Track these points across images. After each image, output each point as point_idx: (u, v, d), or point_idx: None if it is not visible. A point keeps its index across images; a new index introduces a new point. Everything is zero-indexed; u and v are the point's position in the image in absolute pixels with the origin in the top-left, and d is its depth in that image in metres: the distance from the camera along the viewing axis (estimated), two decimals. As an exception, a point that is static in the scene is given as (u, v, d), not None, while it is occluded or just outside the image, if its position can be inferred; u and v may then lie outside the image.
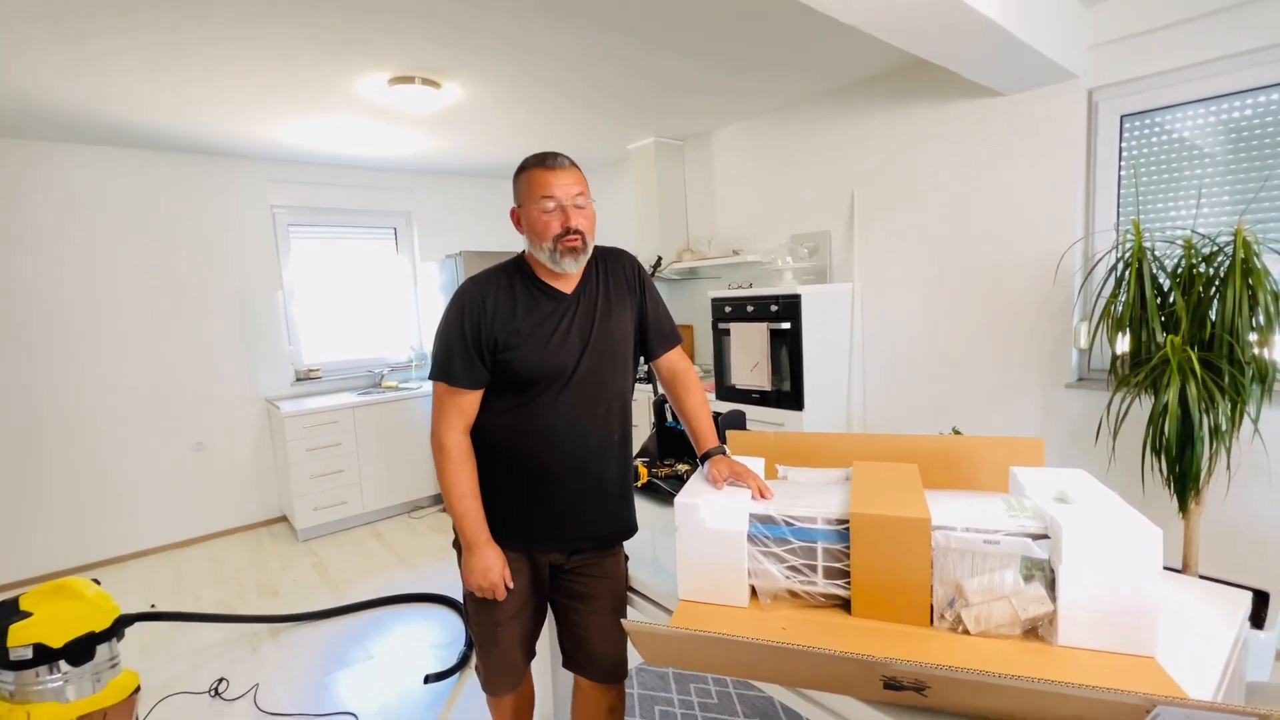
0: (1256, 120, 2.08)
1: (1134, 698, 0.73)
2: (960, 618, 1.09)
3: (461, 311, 1.29)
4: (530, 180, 1.28)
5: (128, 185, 3.46)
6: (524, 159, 1.33)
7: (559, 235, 1.26)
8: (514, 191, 1.34)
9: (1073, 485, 1.19)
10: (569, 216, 1.27)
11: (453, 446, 1.30)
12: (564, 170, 1.29)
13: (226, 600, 2.97)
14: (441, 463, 1.31)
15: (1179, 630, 1.12)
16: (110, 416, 3.47)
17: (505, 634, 1.39)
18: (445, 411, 1.31)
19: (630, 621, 0.95)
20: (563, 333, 1.32)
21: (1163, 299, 1.89)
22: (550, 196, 1.26)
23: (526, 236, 1.32)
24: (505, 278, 1.34)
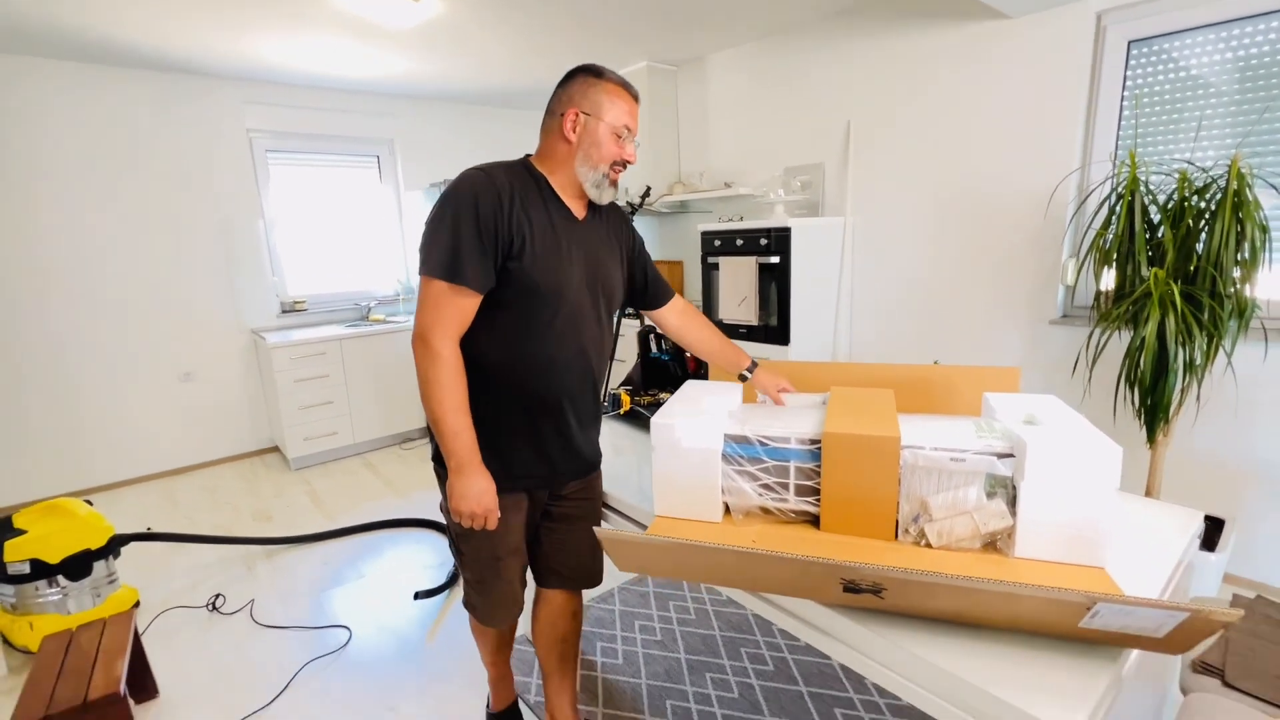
0: (1268, 48, 2.00)
1: (1076, 595, 0.77)
2: (924, 532, 1.13)
3: (475, 200, 1.12)
4: (614, 99, 1.20)
5: (97, 104, 3.30)
6: (594, 66, 1.23)
7: (615, 163, 1.22)
8: (578, 95, 1.20)
9: (1042, 409, 1.21)
10: (632, 151, 1.24)
11: (448, 353, 1.14)
12: (638, 106, 1.26)
13: (222, 524, 3.04)
14: (432, 371, 1.14)
15: (1131, 546, 1.17)
16: (94, 344, 3.44)
17: (507, 568, 1.35)
18: (443, 314, 1.14)
19: (603, 529, 0.98)
20: (568, 253, 1.24)
21: (1152, 233, 1.87)
22: (629, 128, 1.22)
23: (576, 148, 1.21)
24: (518, 176, 1.20)
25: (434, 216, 1.15)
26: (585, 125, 1.19)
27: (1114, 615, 0.79)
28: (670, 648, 1.99)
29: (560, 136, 1.22)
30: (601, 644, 2.02)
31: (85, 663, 1.62)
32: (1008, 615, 0.88)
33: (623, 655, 1.96)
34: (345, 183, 4.28)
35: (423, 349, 1.15)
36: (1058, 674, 0.84)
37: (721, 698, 1.77)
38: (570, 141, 1.21)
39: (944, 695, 0.87)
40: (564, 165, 1.23)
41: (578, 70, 1.22)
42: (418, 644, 2.08)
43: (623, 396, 2.00)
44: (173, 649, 2.10)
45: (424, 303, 1.15)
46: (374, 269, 4.44)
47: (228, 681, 1.94)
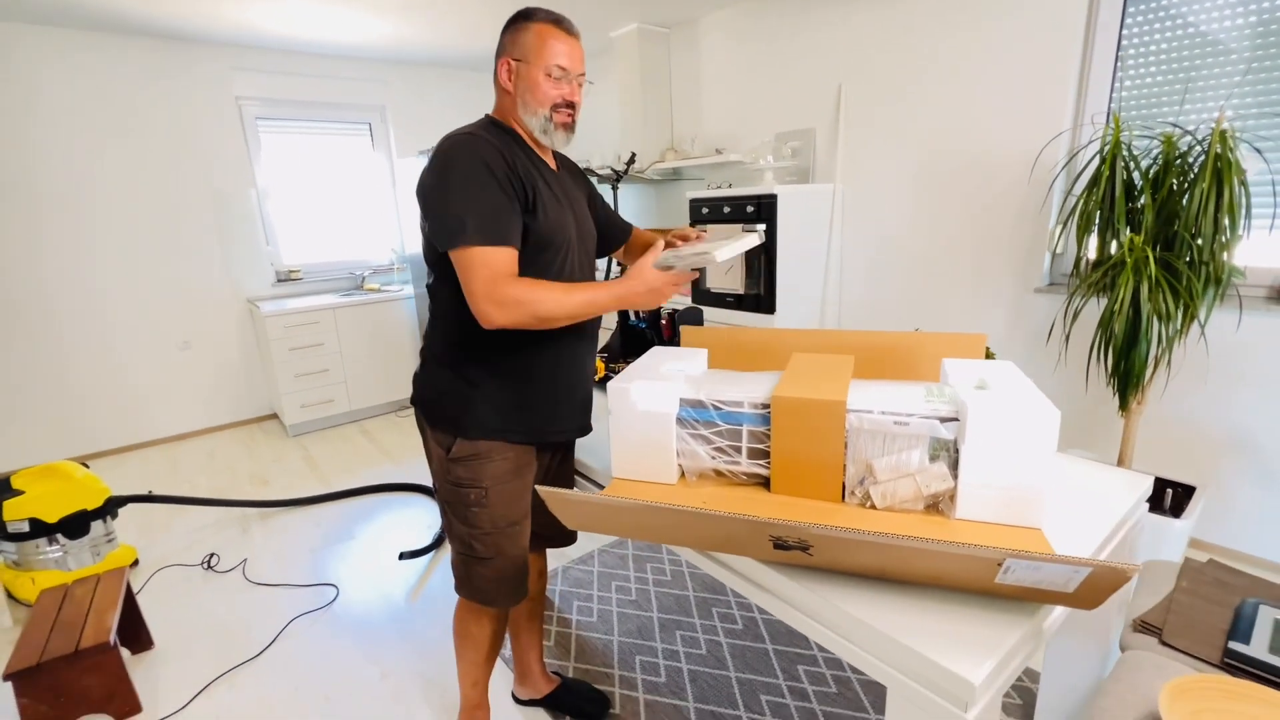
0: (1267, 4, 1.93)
1: (986, 551, 0.79)
2: (869, 494, 1.15)
3: (484, 159, 1.09)
4: (543, 38, 1.15)
5: (86, 71, 3.28)
6: (526, 9, 1.19)
7: (558, 105, 1.18)
8: (509, 43, 1.18)
9: (995, 375, 1.21)
10: (573, 90, 1.19)
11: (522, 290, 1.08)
12: (576, 41, 1.19)
13: (220, 488, 3.13)
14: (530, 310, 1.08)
15: (1075, 508, 1.18)
16: (93, 314, 3.49)
17: (521, 532, 1.31)
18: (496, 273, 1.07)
19: (546, 489, 1.00)
20: (563, 202, 1.24)
21: (1133, 198, 1.84)
22: (563, 66, 1.16)
23: (515, 97, 1.19)
24: (498, 134, 1.18)
25: (444, 185, 1.09)
26: (518, 72, 1.17)
27: (1025, 571, 0.81)
28: (644, 607, 2.04)
29: (501, 89, 1.20)
30: (578, 603, 2.08)
31: (79, 614, 1.70)
32: (929, 571, 0.90)
33: (597, 614, 2.02)
34: (337, 151, 4.26)
35: (502, 309, 1.07)
36: (974, 627, 0.86)
37: (689, 654, 1.83)
38: (510, 92, 1.19)
39: (864, 646, 0.91)
40: (514, 117, 1.21)
41: (510, 18, 1.20)
42: (401, 602, 2.15)
43: (597, 364, 2.02)
44: (168, 604, 2.19)
45: (473, 271, 1.07)
46: (368, 238, 4.45)
47: (219, 634, 2.02)
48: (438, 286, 1.24)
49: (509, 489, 1.28)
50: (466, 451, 1.24)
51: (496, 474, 1.26)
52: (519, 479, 1.30)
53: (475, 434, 1.23)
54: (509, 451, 1.27)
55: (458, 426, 1.24)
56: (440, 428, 1.26)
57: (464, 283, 1.09)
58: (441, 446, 1.26)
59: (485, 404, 1.24)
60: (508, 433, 1.26)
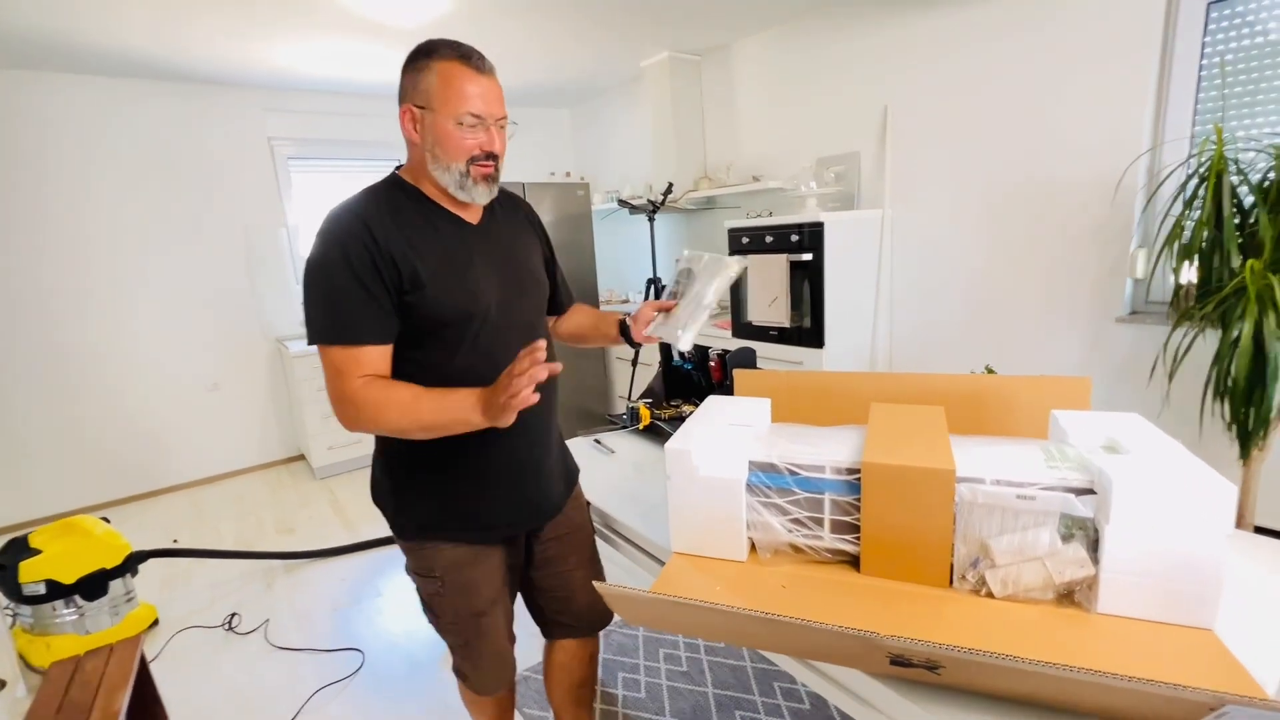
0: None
1: (1199, 695, 0.60)
2: (985, 579, 0.96)
3: (342, 245, 0.96)
4: (449, 80, 0.98)
5: (118, 117, 3.32)
6: (428, 42, 1.01)
7: (475, 158, 1.01)
8: (408, 87, 1.01)
9: (1125, 432, 1.02)
10: (491, 138, 1.02)
11: (360, 388, 0.97)
12: (491, 78, 1.01)
13: (246, 536, 3.03)
14: (368, 414, 0.96)
15: (1239, 595, 0.97)
16: (124, 358, 3.47)
17: (490, 623, 1.19)
18: (350, 377, 0.97)
19: (604, 585, 0.84)
20: (475, 265, 1.06)
21: (1242, 219, 1.64)
22: (476, 113, 0.99)
23: (425, 150, 1.02)
24: (384, 202, 1.03)
25: (306, 278, 0.99)
26: (424, 121, 1.00)
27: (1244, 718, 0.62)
28: (697, 680, 1.84)
29: (408, 141, 1.04)
30: (623, 674, 1.89)
31: (87, 695, 1.57)
32: (1099, 704, 0.71)
33: (645, 688, 1.83)
34: (367, 188, 4.24)
35: (345, 410, 0.98)
36: (1168, 781, 0.66)
37: (752, 741, 1.62)
38: (416, 143, 1.02)
39: (1019, 801, 0.71)
40: (424, 171, 1.04)
41: (410, 54, 1.01)
42: (430, 668, 1.99)
43: (641, 410, 1.86)
44: (186, 671, 2.05)
45: (327, 373, 1.00)
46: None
47: (238, 708, 1.87)
48: None
49: (466, 578, 1.15)
50: (412, 545, 1.16)
51: (449, 563, 1.14)
52: (477, 568, 1.15)
53: (410, 534, 1.15)
54: (461, 544, 1.14)
55: (395, 525, 1.16)
56: (386, 514, 1.18)
57: (325, 379, 1.01)
58: (395, 534, 1.18)
59: (415, 500, 1.13)
60: (449, 532, 1.13)
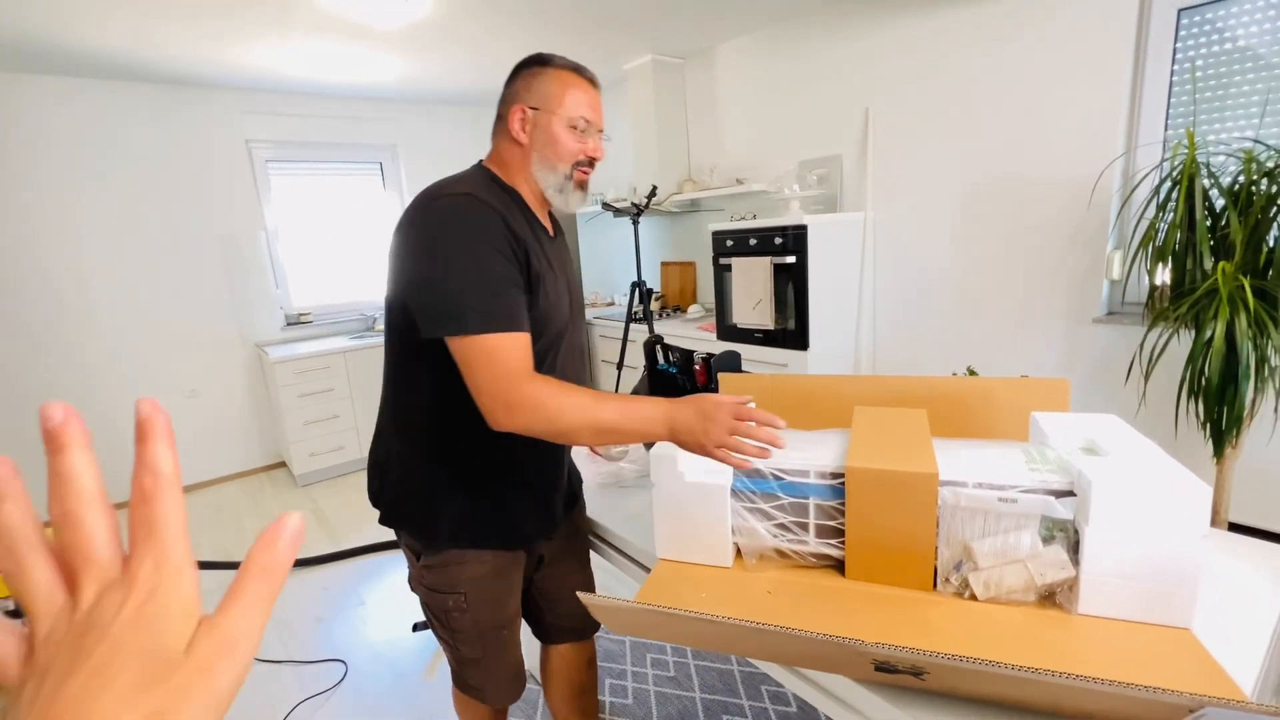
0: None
1: (1177, 698, 0.61)
2: (968, 582, 0.97)
3: (486, 230, 0.92)
4: (565, 86, 1.02)
5: (93, 118, 3.24)
6: (541, 54, 1.05)
7: (579, 162, 1.05)
8: (522, 89, 1.03)
9: (1104, 433, 1.04)
10: (597, 145, 1.06)
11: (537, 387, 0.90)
12: (599, 93, 1.08)
13: (225, 546, 2.97)
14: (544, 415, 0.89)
15: (1215, 593, 0.99)
16: (97, 364, 3.39)
17: (511, 636, 1.18)
18: (509, 366, 0.89)
19: (588, 596, 0.83)
20: (559, 277, 1.08)
21: (1214, 221, 1.67)
22: (587, 119, 1.03)
23: (532, 150, 1.02)
24: (498, 193, 1.01)
25: (438, 255, 0.91)
26: (535, 121, 1.02)
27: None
28: (684, 686, 1.84)
29: (510, 139, 1.04)
30: (610, 680, 1.88)
31: (58, 712, 1.52)
32: (1080, 707, 0.72)
33: (633, 694, 1.82)
34: (348, 191, 4.20)
35: (514, 414, 0.89)
36: (1149, 782, 0.67)
37: (740, 745, 1.62)
38: (522, 143, 1.03)
39: (1004, 804, 0.71)
40: (522, 173, 1.05)
41: (522, 62, 1.05)
42: (415, 679, 1.96)
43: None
44: (163, 686, 2.00)
45: (478, 365, 0.89)
46: (380, 278, 4.35)
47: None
48: (407, 366, 1.04)
49: (491, 591, 1.12)
50: (437, 560, 1.09)
51: (475, 577, 1.10)
52: (503, 580, 1.13)
53: (445, 545, 1.08)
54: (487, 554, 1.10)
55: (423, 535, 1.09)
56: (405, 530, 1.11)
57: (468, 377, 0.91)
58: (409, 550, 1.11)
59: (455, 510, 1.06)
60: (483, 540, 1.09)
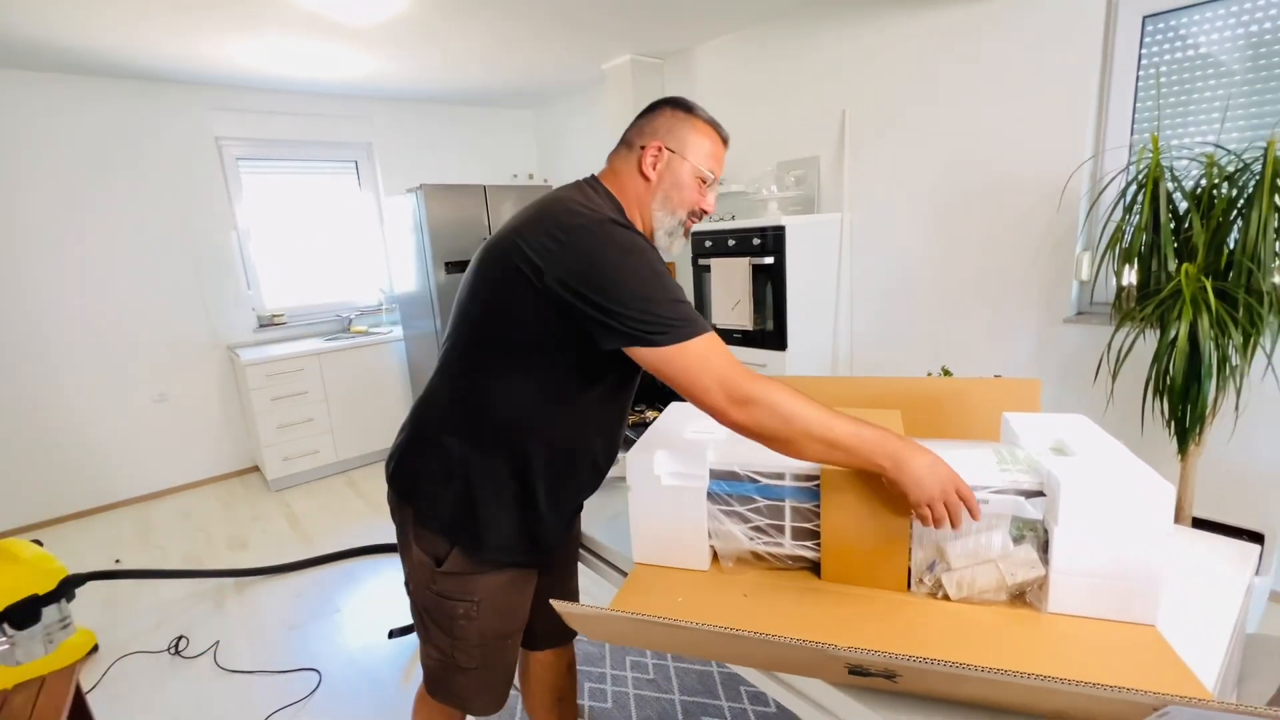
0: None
1: (1142, 696, 0.61)
2: (940, 582, 0.98)
3: (653, 254, 0.99)
4: (704, 137, 1.05)
5: (54, 113, 3.14)
6: (686, 100, 1.08)
7: (694, 212, 1.08)
8: (663, 128, 1.04)
9: (1072, 434, 1.05)
10: (713, 201, 1.10)
11: (768, 388, 0.90)
12: (726, 150, 1.11)
13: (195, 553, 2.89)
14: (780, 414, 0.88)
15: (1179, 588, 1.01)
16: (62, 367, 3.28)
17: (514, 645, 1.17)
18: (727, 360, 0.93)
19: (563, 604, 0.82)
20: None
21: (1178, 224, 1.71)
22: (714, 171, 1.06)
23: (657, 189, 1.05)
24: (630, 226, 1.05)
25: (635, 282, 0.91)
26: (669, 163, 1.03)
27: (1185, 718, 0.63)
28: (664, 688, 1.83)
29: (638, 172, 1.05)
30: (589, 684, 1.87)
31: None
32: (1050, 706, 0.72)
33: (612, 697, 1.81)
34: (323, 190, 4.12)
35: (748, 407, 0.89)
36: (1115, 778, 0.68)
37: (719, 746, 1.62)
38: (649, 179, 1.04)
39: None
40: (638, 205, 1.06)
41: (664, 102, 1.07)
42: (392, 686, 1.93)
43: (605, 417, 1.84)
44: (128, 701, 1.95)
45: (701, 366, 0.91)
46: (355, 278, 4.28)
47: (184, 737, 1.79)
48: (501, 378, 1.01)
49: (506, 602, 1.11)
50: (461, 567, 1.06)
51: (491, 587, 1.09)
52: (517, 592, 1.13)
53: (484, 554, 1.06)
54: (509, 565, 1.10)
55: (460, 541, 1.06)
56: (431, 530, 1.07)
57: (689, 383, 0.92)
58: (428, 554, 1.07)
59: (501, 525, 1.05)
60: (518, 554, 1.09)
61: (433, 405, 1.08)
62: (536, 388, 1.00)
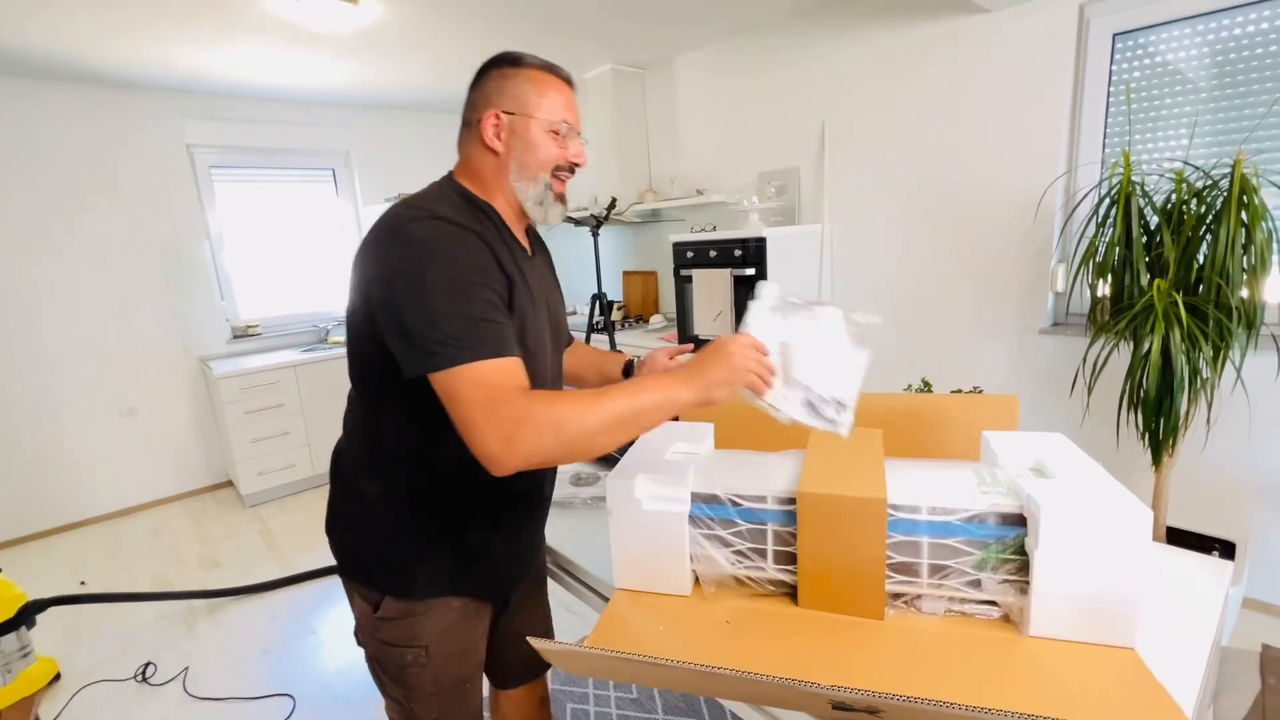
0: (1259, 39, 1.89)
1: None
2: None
3: (465, 252, 0.84)
4: (542, 87, 0.93)
5: (18, 120, 3.04)
6: (511, 53, 0.96)
7: (560, 167, 0.96)
8: (494, 92, 0.94)
9: (1051, 454, 1.05)
10: (579, 149, 0.98)
11: (532, 399, 0.79)
12: (574, 92, 0.99)
13: (164, 573, 2.81)
14: (570, 425, 0.78)
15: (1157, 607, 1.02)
16: (24, 381, 3.18)
17: (473, 689, 1.09)
18: (518, 395, 0.79)
19: (541, 641, 0.80)
20: (537, 301, 0.99)
21: (1149, 239, 1.74)
22: (568, 121, 0.95)
23: (509, 159, 0.94)
24: (472, 212, 0.92)
25: (423, 285, 0.80)
26: (511, 127, 0.93)
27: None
28: (647, 707, 1.81)
29: (483, 148, 0.95)
30: (572, 705, 1.84)
31: (-32, 771, 1.41)
32: (1033, 740, 0.72)
33: (595, 718, 1.78)
34: (299, 199, 4.05)
35: (512, 445, 0.76)
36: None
37: (703, 768, 1.60)
38: (497, 152, 0.94)
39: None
40: (497, 184, 0.96)
41: (490, 63, 0.96)
42: (367, 709, 1.88)
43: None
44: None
45: (478, 397, 0.77)
46: (332, 288, 4.21)
47: (151, 769, 1.73)
48: (386, 406, 0.93)
49: (458, 643, 1.03)
50: (399, 611, 0.98)
51: (440, 629, 1.00)
52: (469, 631, 1.04)
53: (420, 594, 0.98)
54: (456, 601, 1.01)
55: (393, 587, 0.98)
56: (357, 581, 1.01)
57: (455, 416, 0.79)
58: (366, 601, 1.00)
59: (435, 559, 0.98)
60: (461, 587, 1.01)
61: (345, 452, 1.03)
62: (408, 415, 0.91)
